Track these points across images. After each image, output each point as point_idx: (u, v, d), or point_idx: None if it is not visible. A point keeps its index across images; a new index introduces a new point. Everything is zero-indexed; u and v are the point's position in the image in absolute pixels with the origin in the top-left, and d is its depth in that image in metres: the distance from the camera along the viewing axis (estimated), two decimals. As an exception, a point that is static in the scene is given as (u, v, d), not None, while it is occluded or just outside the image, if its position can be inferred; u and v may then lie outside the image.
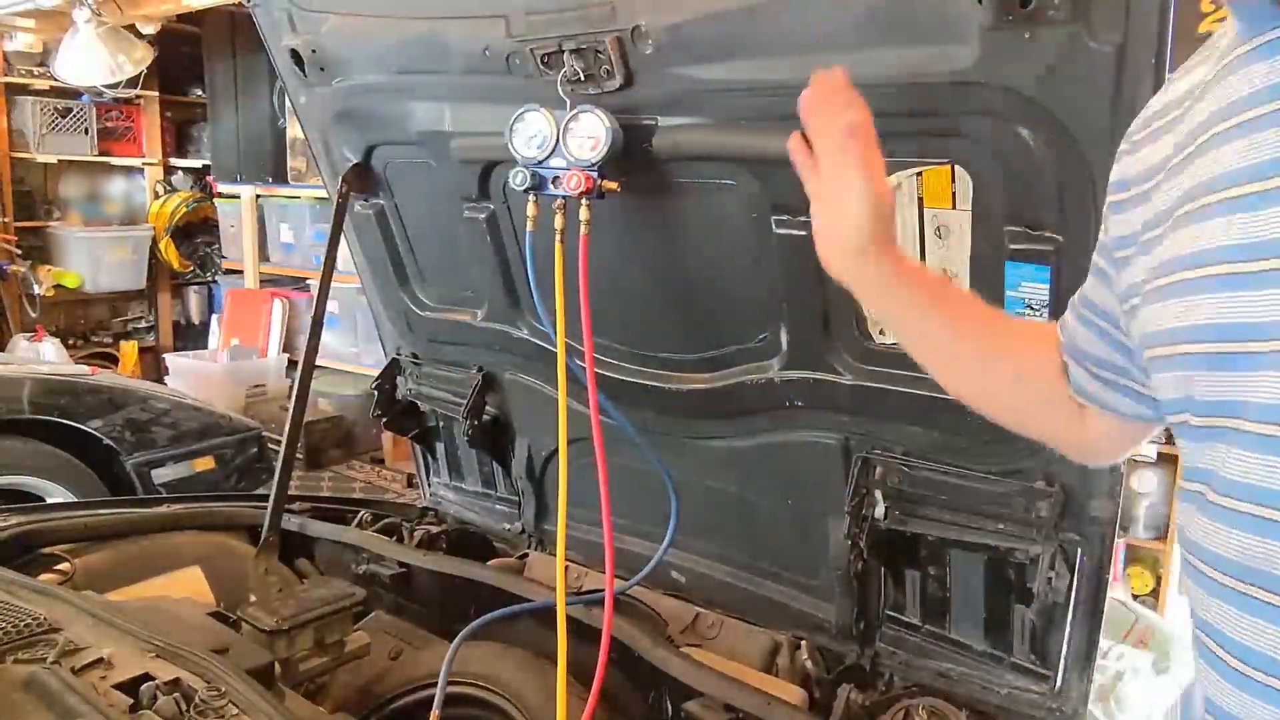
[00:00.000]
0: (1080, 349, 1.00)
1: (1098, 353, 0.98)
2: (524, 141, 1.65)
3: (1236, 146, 0.70)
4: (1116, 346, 0.94)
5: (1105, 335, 0.96)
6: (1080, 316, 1.00)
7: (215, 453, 3.78)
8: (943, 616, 1.67)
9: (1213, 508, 0.72)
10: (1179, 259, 0.75)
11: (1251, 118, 0.69)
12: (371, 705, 1.80)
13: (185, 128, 7.11)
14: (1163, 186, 0.80)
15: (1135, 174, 0.87)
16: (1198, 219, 0.73)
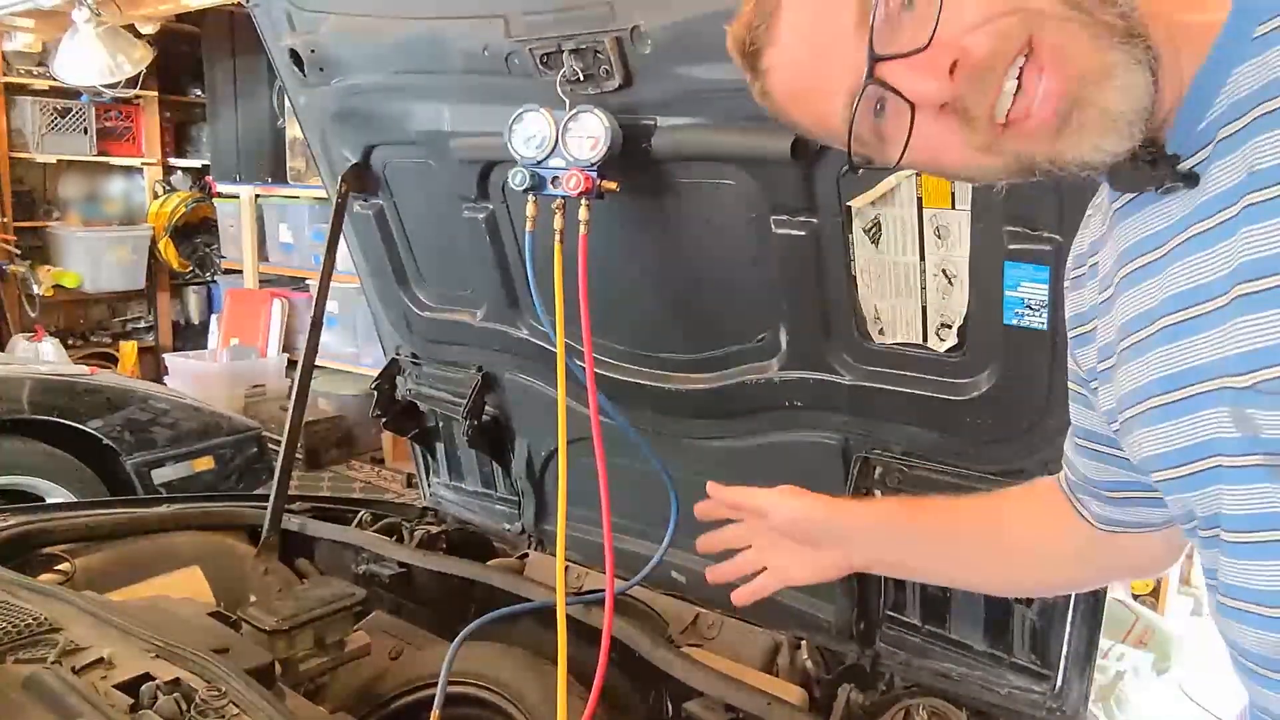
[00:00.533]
0: (1091, 480, 1.01)
1: (1107, 478, 0.98)
2: (523, 141, 1.65)
3: (1144, 288, 0.78)
4: (1120, 464, 0.94)
5: (1107, 458, 0.97)
6: (1079, 449, 1.01)
7: (215, 453, 3.77)
8: (943, 616, 1.67)
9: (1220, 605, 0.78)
10: (1137, 390, 0.80)
11: (1144, 263, 0.79)
12: (371, 705, 1.80)
13: (184, 128, 7.10)
14: (1100, 322, 0.88)
15: (1082, 311, 0.93)
16: (1135, 355, 0.80)
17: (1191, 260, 0.73)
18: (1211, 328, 0.71)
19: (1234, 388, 0.69)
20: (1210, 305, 0.71)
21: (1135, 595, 3.52)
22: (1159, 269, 0.76)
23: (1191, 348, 0.73)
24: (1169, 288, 0.75)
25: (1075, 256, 0.95)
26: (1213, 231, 0.71)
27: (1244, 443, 0.70)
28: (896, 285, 1.50)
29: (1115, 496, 0.99)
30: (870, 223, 1.48)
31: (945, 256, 1.44)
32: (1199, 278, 0.72)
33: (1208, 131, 0.72)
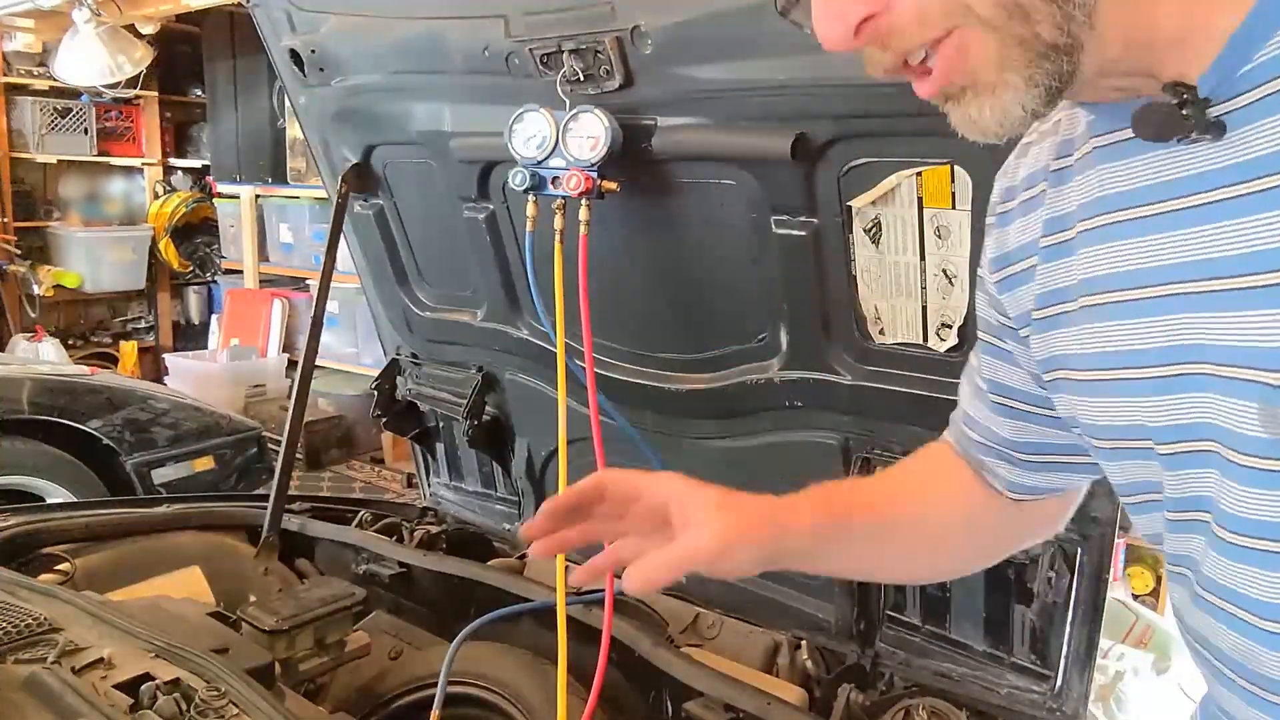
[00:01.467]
0: (1008, 441, 0.94)
1: (1029, 438, 0.92)
2: (523, 141, 1.65)
3: (1138, 244, 0.71)
4: (1047, 423, 0.89)
5: (1031, 417, 0.91)
6: (997, 407, 0.94)
7: (215, 453, 3.77)
8: (943, 616, 1.67)
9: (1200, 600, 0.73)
10: (1118, 355, 0.73)
11: (1137, 216, 0.70)
12: (371, 705, 1.80)
13: (185, 128, 7.10)
14: (1043, 266, 0.81)
15: (1008, 250, 0.86)
16: (1113, 315, 0.73)
17: (1225, 226, 0.64)
18: (1248, 307, 0.63)
19: (1268, 384, 0.62)
20: (1247, 282, 0.63)
21: (1135, 595, 3.52)
22: (1164, 226, 0.68)
23: (1212, 324, 0.65)
24: (1185, 252, 0.66)
25: (1004, 189, 0.87)
26: (1258, 197, 0.62)
27: (1268, 444, 0.63)
28: (897, 285, 1.50)
29: (1033, 460, 0.94)
30: (870, 223, 1.48)
31: (945, 256, 1.44)
32: (1234, 248, 0.63)
33: (1253, 75, 0.62)
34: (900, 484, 1.06)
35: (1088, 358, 0.76)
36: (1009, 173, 0.87)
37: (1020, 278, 0.84)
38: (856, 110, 1.38)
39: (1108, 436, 0.77)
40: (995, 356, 0.92)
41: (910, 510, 1.02)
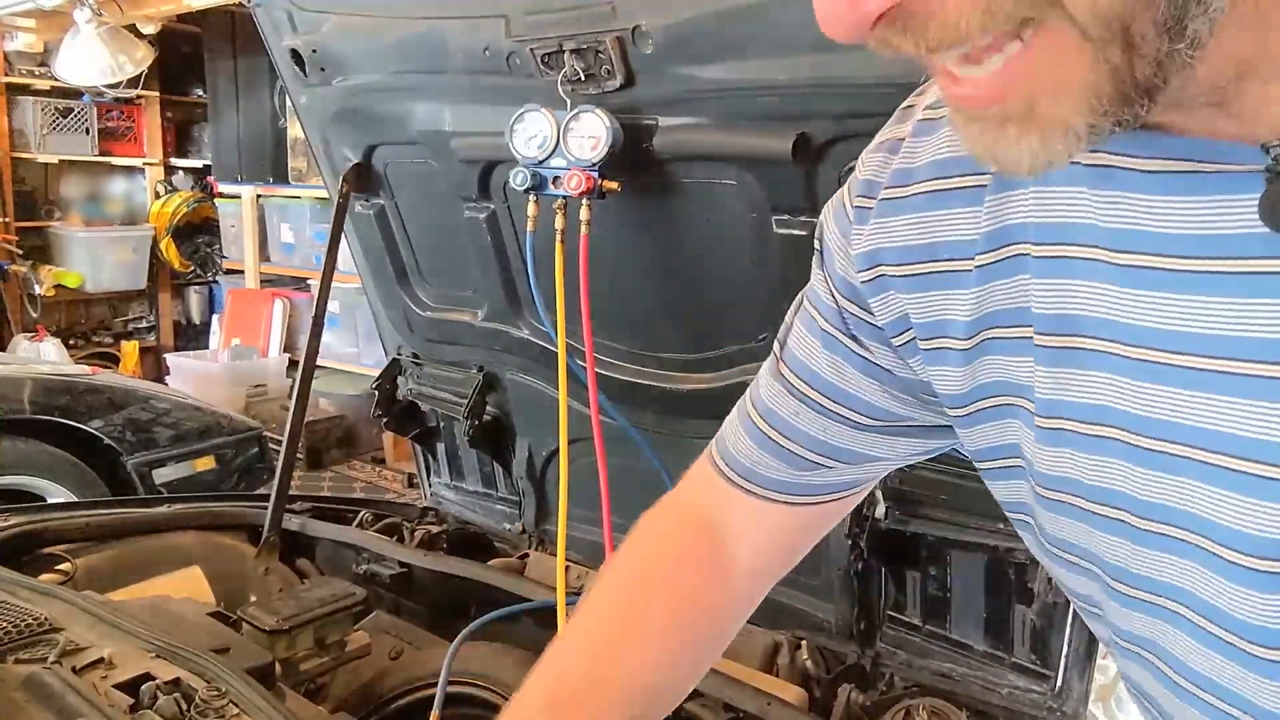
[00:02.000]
0: (826, 445, 0.80)
1: (851, 445, 0.80)
2: (524, 141, 1.65)
3: (1126, 295, 0.57)
4: (883, 431, 0.78)
5: (861, 427, 0.79)
6: (819, 408, 0.79)
7: (216, 453, 3.78)
8: (943, 617, 1.67)
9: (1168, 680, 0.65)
10: (1065, 404, 0.62)
11: (1137, 264, 0.56)
12: (371, 705, 1.80)
13: (186, 128, 7.11)
14: (981, 288, 0.65)
15: (905, 247, 0.69)
16: (1077, 363, 0.61)
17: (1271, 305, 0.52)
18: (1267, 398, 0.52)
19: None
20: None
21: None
22: (1181, 286, 0.55)
23: (1239, 415, 0.54)
24: (1211, 323, 0.54)
25: (897, 171, 0.70)
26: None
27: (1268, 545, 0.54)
28: (897, 285, 1.50)
29: (849, 463, 0.81)
30: (871, 223, 1.48)
31: (946, 256, 1.44)
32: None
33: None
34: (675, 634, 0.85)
35: (1052, 403, 0.63)
36: (904, 152, 0.70)
37: (909, 283, 0.69)
38: (857, 110, 1.38)
39: (1053, 486, 0.66)
40: (839, 355, 0.77)
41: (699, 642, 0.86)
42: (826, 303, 0.77)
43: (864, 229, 0.71)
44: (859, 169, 0.74)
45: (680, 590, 0.86)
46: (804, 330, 0.79)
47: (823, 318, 0.77)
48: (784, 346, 0.82)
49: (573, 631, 0.85)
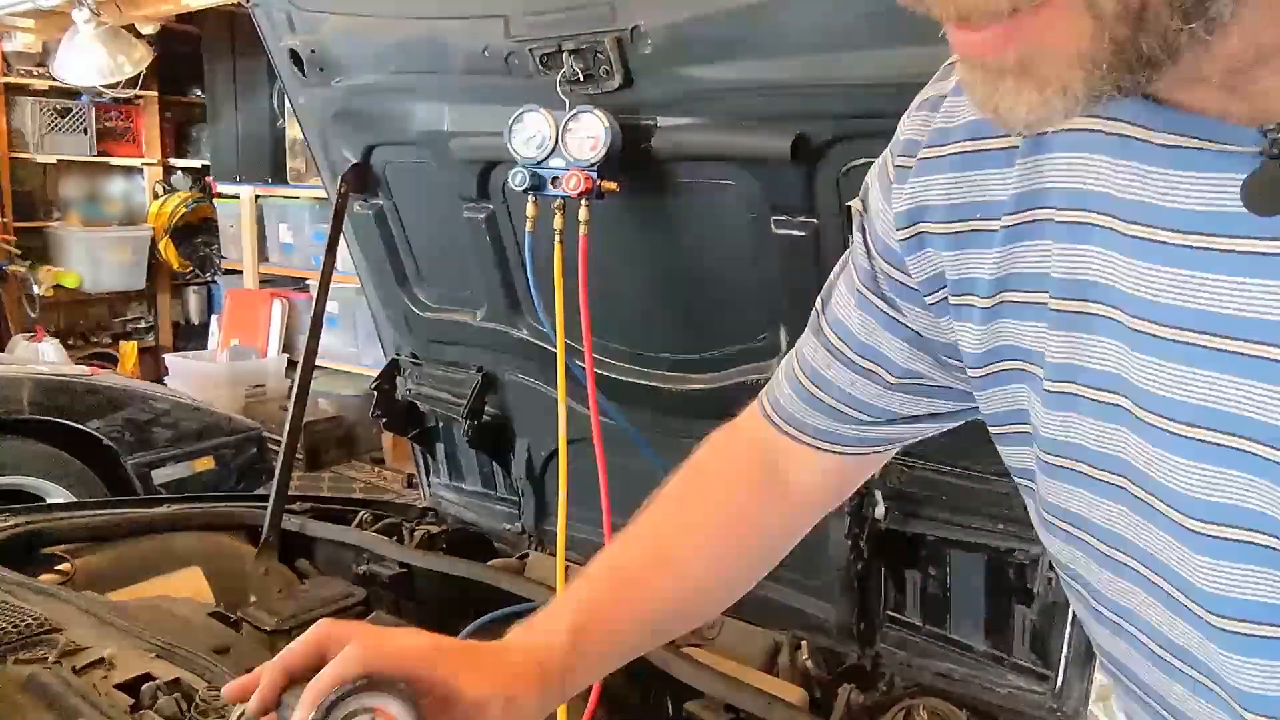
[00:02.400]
0: (861, 402, 0.83)
1: (886, 405, 0.83)
2: (523, 142, 1.65)
3: (1144, 269, 0.58)
4: (914, 390, 0.81)
5: (894, 387, 0.81)
6: (859, 369, 0.82)
7: (215, 453, 3.77)
8: (943, 617, 1.67)
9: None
10: (1076, 369, 0.63)
11: (1151, 238, 0.57)
12: (372, 705, 1.80)
13: (185, 128, 7.10)
14: (1006, 248, 0.67)
15: (942, 205, 0.70)
16: (1090, 329, 0.61)
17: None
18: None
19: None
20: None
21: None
22: (1198, 264, 0.55)
23: (1213, 386, 0.55)
24: (1205, 299, 0.55)
25: (937, 131, 0.71)
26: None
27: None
28: (897, 285, 1.50)
29: (880, 422, 0.85)
30: (870, 223, 1.48)
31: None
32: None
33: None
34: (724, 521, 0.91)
35: (1062, 367, 0.64)
36: (944, 110, 0.71)
37: (948, 241, 0.70)
38: (856, 110, 1.38)
39: (1055, 452, 0.67)
40: (870, 315, 0.80)
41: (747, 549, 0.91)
42: (863, 264, 0.79)
43: (904, 188, 0.73)
44: (902, 128, 0.75)
45: (736, 500, 0.90)
46: (843, 289, 0.83)
47: (859, 278, 0.80)
48: (825, 304, 0.86)
49: (635, 526, 0.90)
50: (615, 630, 0.85)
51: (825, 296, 0.87)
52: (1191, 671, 0.61)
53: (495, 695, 0.73)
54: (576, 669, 0.81)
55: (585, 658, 0.81)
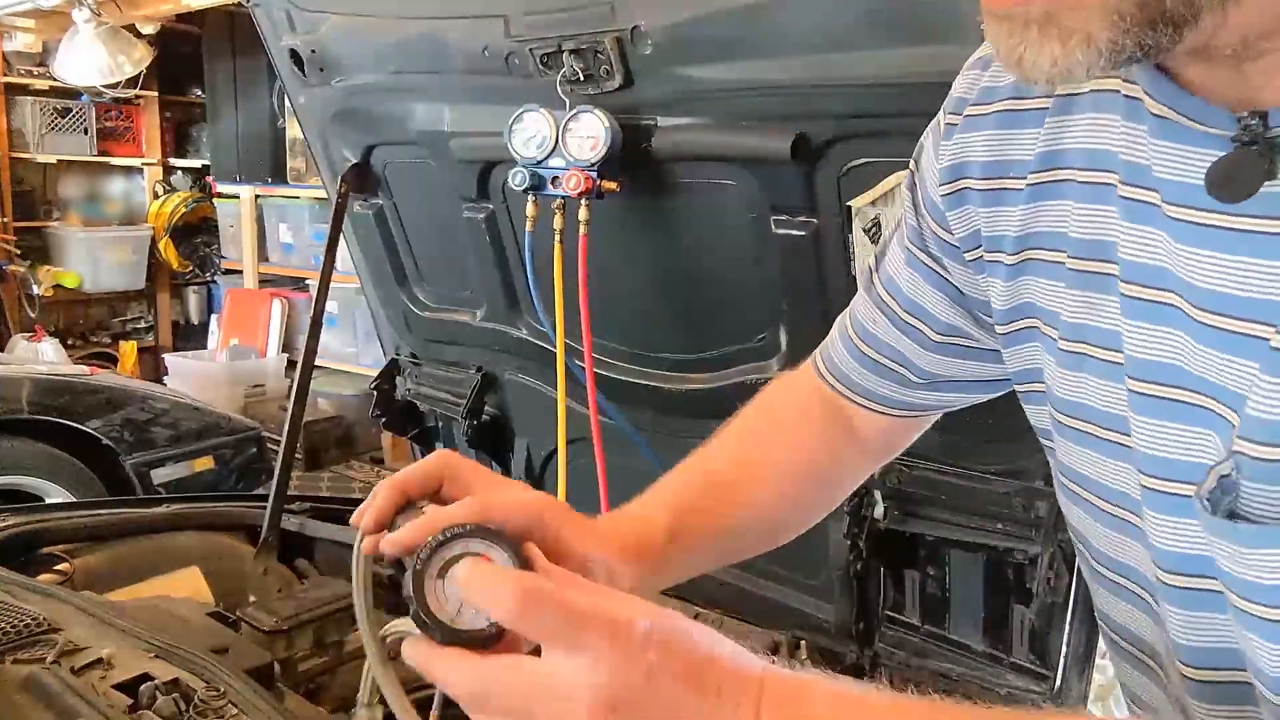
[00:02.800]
0: (907, 360, 0.86)
1: (928, 366, 0.85)
2: (523, 142, 1.65)
3: (1144, 233, 0.60)
4: (957, 352, 0.83)
5: (936, 346, 0.84)
6: (903, 325, 0.85)
7: (215, 453, 3.77)
8: (942, 617, 1.67)
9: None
10: (1088, 329, 0.65)
11: (1158, 206, 0.59)
12: (371, 705, 1.80)
13: (185, 128, 7.10)
14: (1030, 205, 0.69)
15: (979, 162, 0.73)
16: (1103, 289, 0.63)
17: (1254, 265, 0.53)
18: (1239, 354, 0.54)
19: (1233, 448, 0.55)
20: (1258, 330, 0.53)
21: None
22: (1166, 226, 0.57)
23: (1204, 358, 0.57)
24: (1192, 270, 0.56)
25: (984, 90, 0.73)
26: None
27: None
28: (896, 285, 1.50)
29: (927, 383, 0.87)
30: (870, 222, 1.48)
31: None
32: (1258, 290, 0.53)
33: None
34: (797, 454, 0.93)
35: (1075, 327, 0.66)
36: (993, 70, 0.73)
37: (985, 198, 0.72)
38: (856, 110, 1.38)
39: (1067, 412, 0.69)
40: (918, 271, 0.82)
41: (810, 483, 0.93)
42: (911, 222, 0.82)
43: (949, 144, 0.75)
44: (955, 86, 0.78)
45: (811, 429, 0.93)
46: (895, 246, 0.85)
47: (907, 235, 0.83)
48: (879, 262, 0.88)
49: (715, 443, 0.91)
50: (705, 530, 0.85)
51: (879, 254, 0.89)
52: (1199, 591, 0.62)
53: (600, 559, 0.75)
54: (672, 560, 0.81)
55: (680, 548, 0.82)
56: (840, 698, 0.58)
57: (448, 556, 0.61)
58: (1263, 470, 0.52)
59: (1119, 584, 0.69)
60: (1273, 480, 0.52)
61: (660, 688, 0.53)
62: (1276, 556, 0.52)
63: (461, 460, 0.75)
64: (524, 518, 0.71)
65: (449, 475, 0.73)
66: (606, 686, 0.52)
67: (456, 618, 0.59)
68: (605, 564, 0.75)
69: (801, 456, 0.92)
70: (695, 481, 0.88)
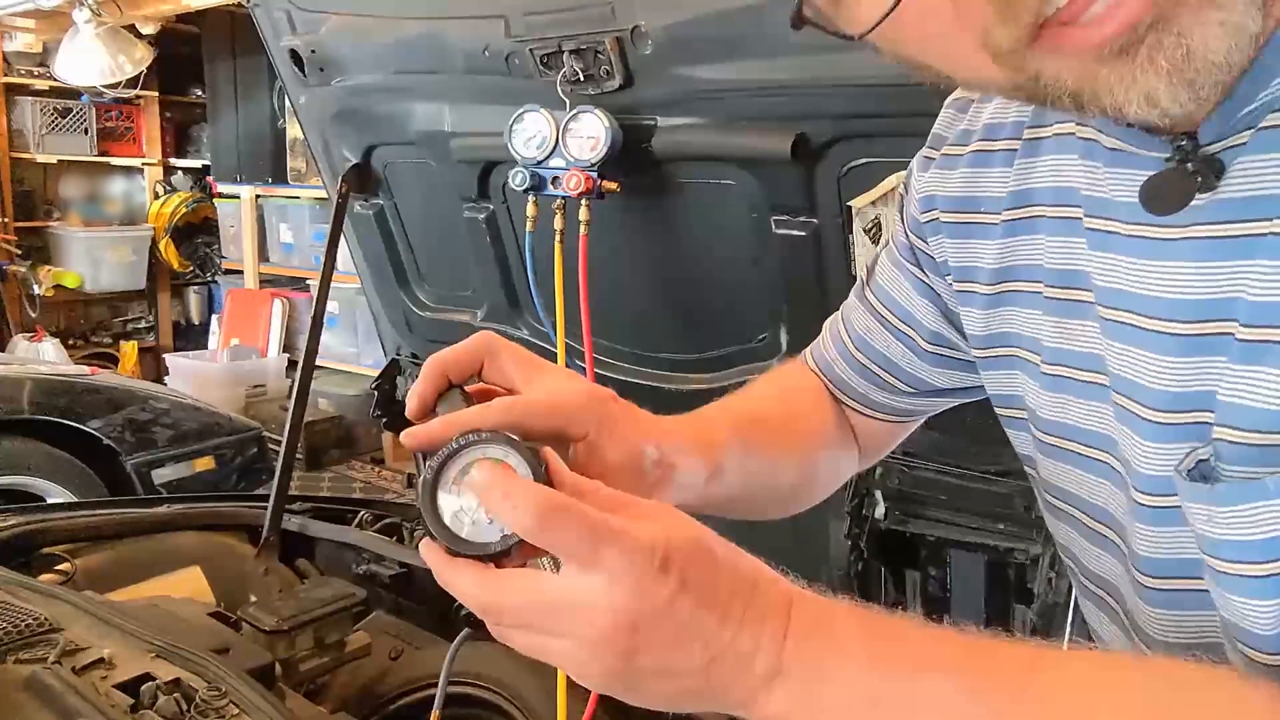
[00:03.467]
0: (895, 365, 0.88)
1: (917, 371, 0.88)
2: (524, 142, 1.65)
3: (1104, 258, 0.63)
4: (942, 362, 0.86)
5: (924, 354, 0.86)
6: (895, 331, 0.87)
7: (215, 453, 3.77)
8: (943, 617, 1.67)
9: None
10: (1067, 353, 0.68)
11: (1108, 230, 0.62)
12: (371, 705, 1.80)
13: (185, 128, 7.10)
14: (1005, 241, 0.72)
15: (951, 197, 0.77)
16: (1078, 315, 0.67)
17: (1198, 268, 0.56)
18: (1202, 354, 0.57)
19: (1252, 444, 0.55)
20: (1215, 329, 0.56)
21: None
22: (1126, 248, 0.61)
23: (1141, 363, 0.60)
24: (1145, 283, 0.60)
25: (961, 131, 0.78)
26: (1229, 243, 0.55)
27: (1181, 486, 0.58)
28: (897, 285, 1.50)
29: (913, 390, 0.89)
30: (870, 222, 1.48)
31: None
32: (1202, 291, 0.56)
33: (1255, 115, 0.53)
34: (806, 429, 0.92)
35: (1056, 352, 0.69)
36: (971, 113, 0.77)
37: (954, 230, 0.77)
38: (856, 110, 1.38)
39: (1051, 432, 0.72)
40: (908, 281, 0.85)
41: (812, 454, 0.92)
42: (900, 238, 0.86)
43: (925, 176, 0.80)
44: (938, 120, 0.82)
45: (821, 409, 0.93)
46: (886, 260, 0.89)
47: (897, 249, 0.87)
48: (870, 272, 0.91)
49: (740, 397, 0.91)
50: (758, 445, 0.83)
51: (871, 265, 0.92)
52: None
53: (652, 449, 0.71)
54: (725, 467, 0.78)
55: (737, 452, 0.79)
56: (872, 624, 0.56)
57: (464, 463, 0.58)
58: (1240, 453, 0.54)
59: (1102, 598, 0.72)
60: (1251, 462, 0.54)
61: (681, 612, 0.52)
62: (1255, 511, 0.53)
63: (503, 343, 0.72)
64: (557, 419, 0.67)
65: (489, 355, 0.70)
66: (625, 609, 0.51)
67: (470, 527, 0.57)
68: (657, 456, 0.71)
69: (818, 428, 0.92)
70: (744, 411, 0.86)
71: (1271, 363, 0.53)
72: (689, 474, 0.74)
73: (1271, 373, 0.53)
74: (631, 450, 0.70)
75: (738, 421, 0.83)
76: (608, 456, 0.68)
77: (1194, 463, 0.57)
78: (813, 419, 0.92)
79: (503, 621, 0.55)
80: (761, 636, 0.53)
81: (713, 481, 0.77)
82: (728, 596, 0.53)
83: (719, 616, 0.52)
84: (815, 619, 0.55)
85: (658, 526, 0.53)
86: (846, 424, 0.94)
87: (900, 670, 0.54)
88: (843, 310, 0.94)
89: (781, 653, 0.53)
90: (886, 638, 0.56)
